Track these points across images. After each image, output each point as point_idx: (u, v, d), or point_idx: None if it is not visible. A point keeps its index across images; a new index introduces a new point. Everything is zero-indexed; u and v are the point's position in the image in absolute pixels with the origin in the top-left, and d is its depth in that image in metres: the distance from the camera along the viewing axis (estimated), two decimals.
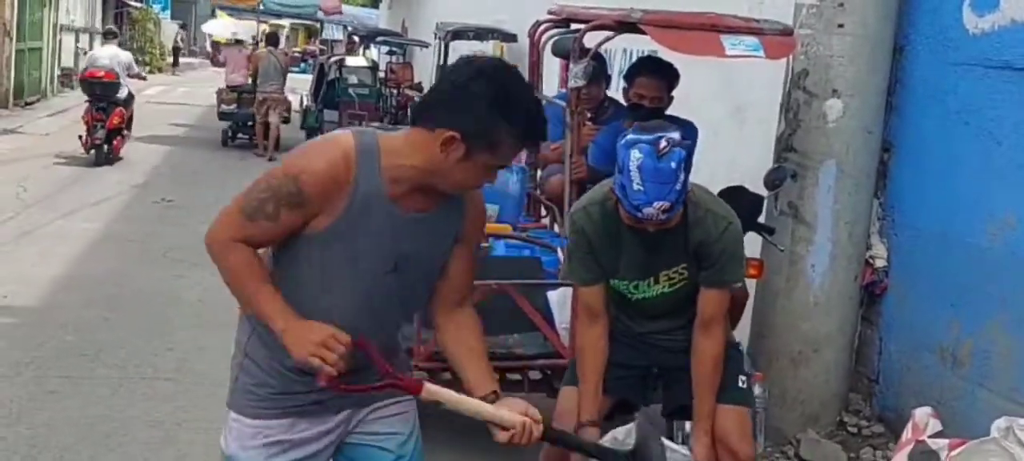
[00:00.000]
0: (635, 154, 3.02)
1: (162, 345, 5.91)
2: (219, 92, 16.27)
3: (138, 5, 36.18)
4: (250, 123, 15.36)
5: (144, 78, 16.28)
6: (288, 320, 2.37)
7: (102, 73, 12.88)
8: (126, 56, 13.79)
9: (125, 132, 13.47)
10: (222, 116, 15.86)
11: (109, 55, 13.33)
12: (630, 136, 3.09)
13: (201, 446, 4.56)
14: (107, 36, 14.97)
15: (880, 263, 4.96)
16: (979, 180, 4.43)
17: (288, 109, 15.80)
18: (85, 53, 21.08)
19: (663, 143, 3.03)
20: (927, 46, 4.77)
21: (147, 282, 7.28)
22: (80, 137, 12.79)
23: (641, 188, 3.02)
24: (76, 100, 21.28)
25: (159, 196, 10.83)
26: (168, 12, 39.05)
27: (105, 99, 12.74)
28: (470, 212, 2.55)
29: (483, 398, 2.50)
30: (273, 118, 14.85)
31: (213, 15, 35.63)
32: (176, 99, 23.99)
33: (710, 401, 3.35)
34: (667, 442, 3.29)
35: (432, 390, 2.48)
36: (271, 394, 2.51)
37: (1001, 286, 4.27)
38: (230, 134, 15.88)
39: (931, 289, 4.68)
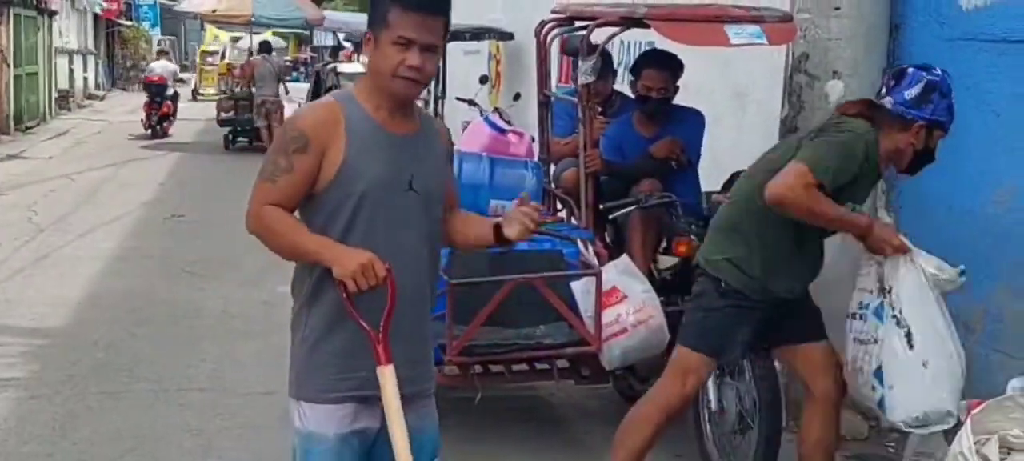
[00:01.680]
0: (948, 77, 3.59)
1: (193, 357, 6.06)
2: (219, 102, 18.43)
3: (129, 24, 36.26)
4: (249, 128, 17.11)
5: (185, 82, 21.38)
6: (332, 248, 2.61)
7: (156, 78, 19.04)
8: (173, 66, 20.80)
9: (171, 118, 19.20)
10: (222, 123, 17.61)
11: (161, 66, 19.92)
12: (939, 74, 3.68)
13: (245, 451, 4.75)
14: (160, 54, 21.81)
15: None
16: (982, 152, 4.58)
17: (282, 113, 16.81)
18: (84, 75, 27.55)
19: None
20: (922, 23, 4.93)
21: (169, 296, 7.44)
22: (141, 120, 18.93)
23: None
24: (76, 123, 21.48)
25: (169, 212, 10.98)
26: (158, 29, 39.09)
27: (159, 96, 18.74)
28: (443, 133, 2.90)
29: (495, 228, 2.82)
30: (274, 121, 15.89)
31: (202, 29, 35.78)
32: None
33: None
34: None
35: (385, 378, 2.61)
36: (332, 378, 2.68)
37: (1010, 252, 4.43)
38: (231, 138, 17.48)
39: (940, 258, 4.83)
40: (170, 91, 19.15)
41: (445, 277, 4.38)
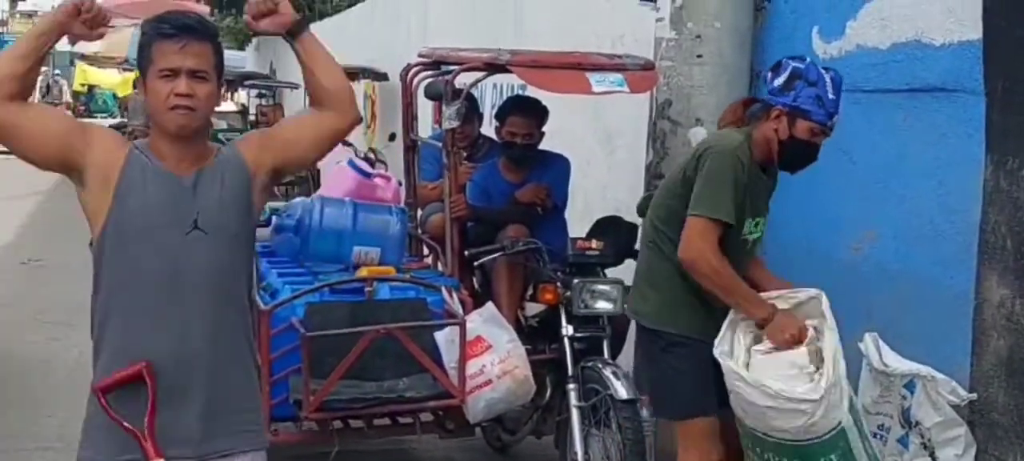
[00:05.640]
0: (824, 72, 3.48)
1: (42, 412, 5.74)
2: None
3: None
4: None
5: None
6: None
7: None
8: None
9: None
10: None
11: None
12: (806, 62, 3.55)
13: None
14: None
15: None
16: (839, 197, 4.66)
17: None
18: None
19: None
20: None
21: (20, 347, 7.06)
22: None
23: (834, 97, 3.46)
24: None
25: (26, 257, 10.49)
26: None
27: None
28: (244, 149, 2.73)
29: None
30: None
31: (71, 65, 34.70)
32: None
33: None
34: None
35: None
36: (97, 433, 2.69)
37: (867, 297, 4.49)
38: None
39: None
40: None
41: (301, 329, 4.24)
